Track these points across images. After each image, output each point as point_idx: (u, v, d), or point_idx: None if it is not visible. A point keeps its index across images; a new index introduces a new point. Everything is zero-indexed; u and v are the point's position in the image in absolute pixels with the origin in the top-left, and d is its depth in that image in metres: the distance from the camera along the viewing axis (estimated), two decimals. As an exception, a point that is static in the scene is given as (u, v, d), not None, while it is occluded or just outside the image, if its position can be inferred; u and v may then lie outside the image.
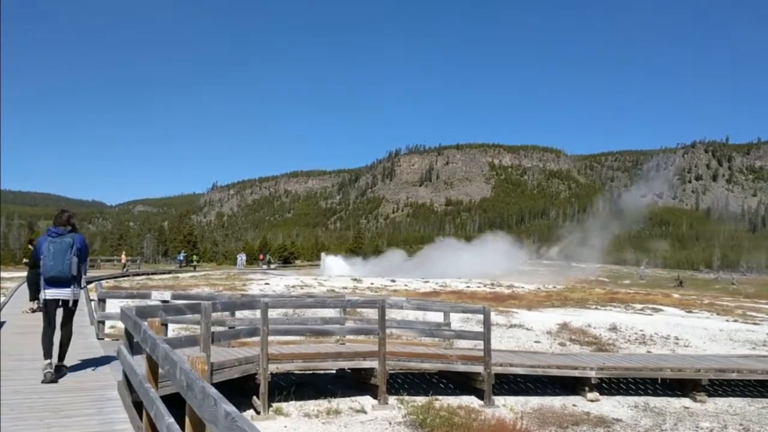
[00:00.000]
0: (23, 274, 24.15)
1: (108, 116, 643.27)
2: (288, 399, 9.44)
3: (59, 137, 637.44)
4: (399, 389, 10.46)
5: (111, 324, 12.71)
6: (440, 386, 10.92)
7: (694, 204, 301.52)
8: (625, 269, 77.52)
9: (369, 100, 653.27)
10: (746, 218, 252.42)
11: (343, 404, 9.58)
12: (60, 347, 7.01)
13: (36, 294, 14.25)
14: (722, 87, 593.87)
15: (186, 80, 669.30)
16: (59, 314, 6.99)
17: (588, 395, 10.44)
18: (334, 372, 10.98)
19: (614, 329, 17.63)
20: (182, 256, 58.97)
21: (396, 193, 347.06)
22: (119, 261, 46.28)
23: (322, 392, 10.06)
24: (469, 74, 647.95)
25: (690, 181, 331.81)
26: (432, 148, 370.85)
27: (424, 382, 11.06)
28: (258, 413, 8.88)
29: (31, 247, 14.89)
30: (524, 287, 34.31)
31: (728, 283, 57.56)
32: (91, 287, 16.49)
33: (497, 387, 10.45)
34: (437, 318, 14.99)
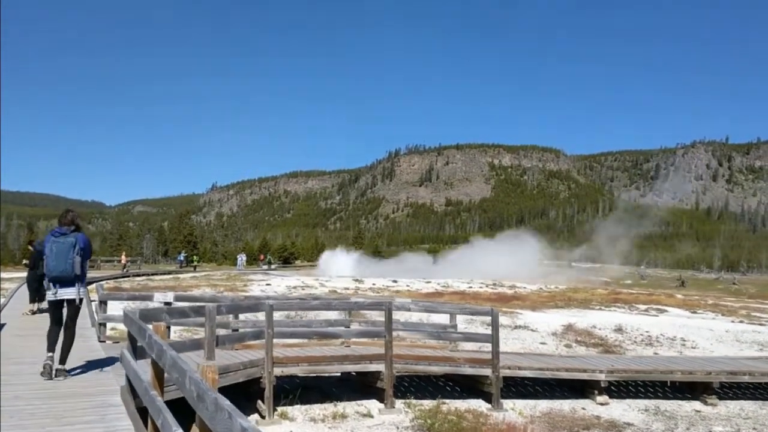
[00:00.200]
0: (23, 275, 23.98)
1: (107, 117, 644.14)
2: (293, 403, 9.27)
3: (58, 137, 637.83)
4: (405, 392, 10.29)
5: (112, 326, 12.54)
6: (447, 389, 10.75)
7: (694, 204, 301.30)
8: (627, 269, 77.31)
9: (369, 100, 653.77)
10: (746, 218, 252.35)
11: (349, 408, 9.42)
12: (61, 350, 6.95)
13: (36, 295, 14.09)
14: (722, 87, 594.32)
15: (185, 80, 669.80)
16: (65, 313, 7.03)
17: (597, 398, 10.27)
18: (339, 375, 10.81)
19: (620, 330, 17.47)
20: (182, 257, 58.80)
21: (396, 194, 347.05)
22: (119, 262, 46.11)
23: (328, 396, 9.89)
24: (469, 74, 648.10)
25: (690, 181, 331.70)
26: (432, 148, 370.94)
27: (430, 385, 10.89)
28: (263, 417, 8.71)
29: (31, 248, 14.72)
30: (526, 287, 34.16)
31: (730, 283, 57.40)
32: (92, 288, 16.29)
33: (504, 390, 10.27)
34: (440, 319, 14.86)
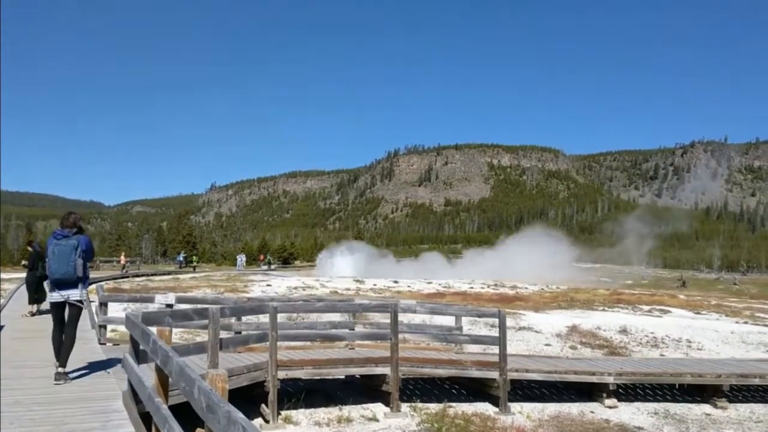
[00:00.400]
0: (22, 275, 23.80)
1: (106, 117, 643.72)
2: (297, 406, 9.11)
3: (57, 138, 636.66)
4: (411, 396, 10.12)
5: (112, 328, 12.37)
6: (453, 392, 10.59)
7: (693, 204, 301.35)
8: (627, 269, 77.17)
9: (368, 100, 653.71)
10: (745, 218, 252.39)
11: (355, 412, 9.25)
12: (62, 352, 6.90)
13: (35, 297, 13.93)
14: (721, 87, 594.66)
15: (184, 81, 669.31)
16: (67, 316, 7.04)
17: (606, 401, 10.11)
18: (343, 378, 10.66)
19: (624, 332, 17.34)
20: (182, 257, 58.59)
21: (395, 194, 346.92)
22: (118, 262, 45.88)
23: (332, 399, 9.73)
24: (468, 74, 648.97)
25: (689, 181, 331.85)
26: (431, 148, 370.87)
27: (436, 388, 10.73)
28: (267, 422, 8.55)
29: (30, 249, 14.57)
30: (527, 288, 34.06)
31: (731, 284, 57.26)
32: (92, 290, 16.13)
33: (511, 393, 10.11)
34: (443, 321, 14.70)
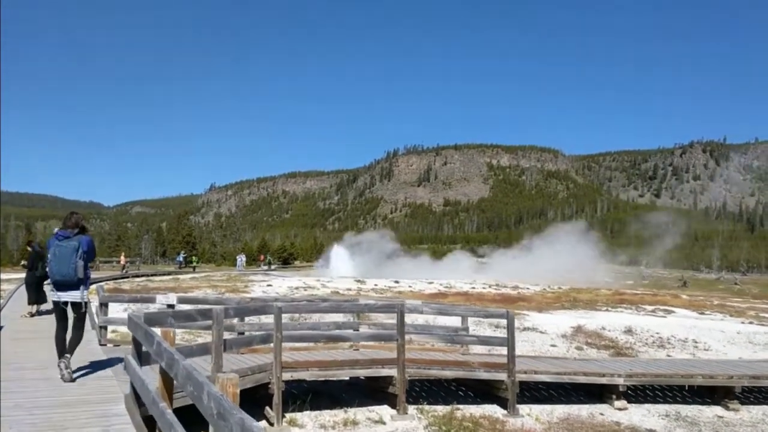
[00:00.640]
0: (21, 276, 23.62)
1: (105, 117, 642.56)
2: (302, 409, 8.93)
3: (57, 138, 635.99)
4: (417, 398, 9.95)
5: (112, 328, 12.19)
6: (459, 394, 10.41)
7: (692, 204, 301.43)
8: (627, 269, 76.97)
9: (367, 101, 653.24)
10: (744, 218, 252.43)
11: (360, 414, 9.07)
12: (69, 343, 7.05)
13: (34, 297, 13.76)
14: (720, 87, 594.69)
15: (183, 82, 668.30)
16: (70, 316, 7.09)
17: (615, 403, 9.93)
18: (348, 379, 10.48)
19: (630, 332, 17.17)
20: (182, 257, 58.33)
21: (394, 194, 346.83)
22: (118, 262, 45.64)
23: (337, 401, 9.55)
24: (467, 74, 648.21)
25: (688, 181, 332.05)
26: (430, 149, 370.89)
27: (443, 390, 10.55)
28: (271, 425, 8.37)
29: (30, 249, 14.39)
30: (529, 288, 33.89)
31: (731, 284, 57.18)
32: (92, 290, 15.92)
33: (519, 395, 9.93)
34: (447, 321, 14.51)
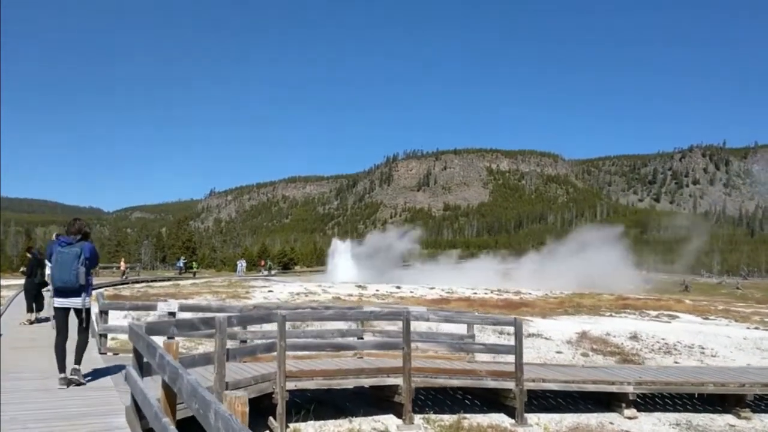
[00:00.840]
0: (20, 282, 23.39)
1: (105, 123, 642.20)
2: (306, 419, 8.74)
3: (56, 143, 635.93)
4: (423, 407, 9.76)
5: (112, 336, 12.02)
6: (466, 403, 10.23)
7: (692, 208, 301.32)
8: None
9: (366, 105, 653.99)
10: (744, 222, 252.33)
11: (366, 424, 8.89)
12: (75, 352, 6.99)
13: (33, 304, 13.58)
14: (719, 91, 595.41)
15: (182, 86, 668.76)
16: (73, 323, 7.05)
17: (625, 412, 9.75)
18: (352, 388, 10.29)
19: (635, 338, 16.99)
20: (182, 263, 58.11)
21: (394, 198, 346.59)
22: (118, 268, 45.43)
23: (342, 411, 9.36)
24: (467, 78, 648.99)
25: (687, 185, 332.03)
26: (430, 153, 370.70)
27: (449, 399, 10.37)
28: (275, 436, 8.20)
29: (29, 255, 14.21)
30: (531, 293, 33.68)
31: (733, 288, 57.00)
32: (92, 296, 15.76)
33: (526, 403, 9.76)
34: (451, 328, 14.33)
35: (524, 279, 50.97)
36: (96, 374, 7.73)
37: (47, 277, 15.78)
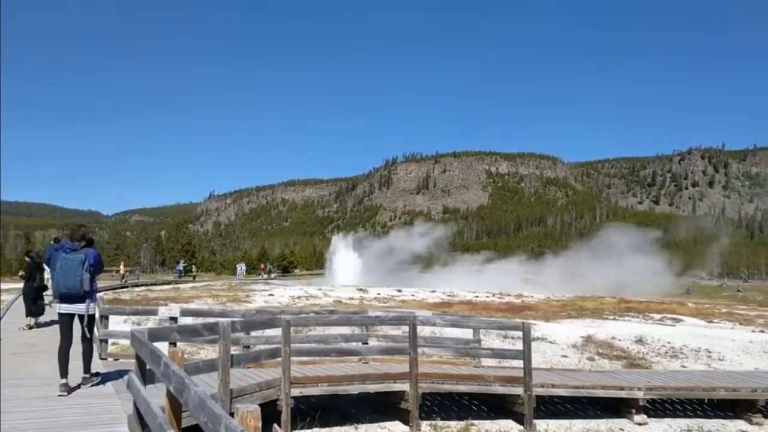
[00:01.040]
0: (19, 286, 23.20)
1: (104, 126, 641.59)
2: (312, 426, 8.58)
3: (55, 147, 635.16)
4: (429, 413, 9.59)
5: (112, 341, 11.84)
6: (473, 409, 10.05)
7: (691, 210, 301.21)
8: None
9: (366, 108, 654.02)
10: (743, 224, 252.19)
11: (372, 431, 8.73)
12: (83, 359, 7.11)
13: (32, 309, 13.38)
14: (718, 93, 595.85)
15: (182, 89, 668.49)
16: (76, 330, 7.08)
17: (635, 418, 9.58)
18: (357, 393, 10.12)
19: (641, 341, 16.82)
20: (181, 266, 57.83)
21: (393, 201, 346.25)
22: (117, 272, 45.16)
23: (347, 417, 9.20)
24: (466, 82, 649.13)
25: (686, 188, 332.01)
26: (429, 156, 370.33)
27: (455, 404, 10.19)
28: (280, 443, 8.02)
29: (28, 259, 14.03)
30: (533, 296, 33.52)
31: (734, 290, 56.80)
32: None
33: (534, 409, 9.60)
34: (456, 333, 14.16)
35: (550, 283, 49.23)
36: (97, 381, 7.56)
37: (47, 281, 15.62)
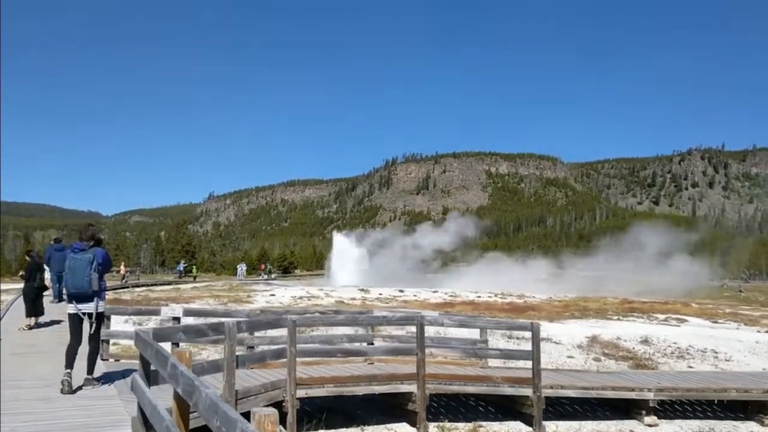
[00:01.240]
0: (19, 286, 23.04)
1: (103, 126, 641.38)
2: (317, 427, 8.43)
3: (55, 147, 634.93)
4: (436, 414, 9.44)
5: (113, 341, 11.69)
6: (480, 410, 9.91)
7: (690, 211, 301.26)
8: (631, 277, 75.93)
9: (365, 109, 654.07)
10: (743, 225, 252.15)
11: (378, 433, 8.59)
12: (88, 360, 7.10)
13: (33, 309, 13.24)
14: (718, 94, 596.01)
15: (181, 90, 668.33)
16: (86, 330, 7.14)
17: (645, 419, 9.44)
18: (361, 394, 9.97)
19: (646, 342, 16.68)
20: (182, 266, 57.67)
21: (393, 202, 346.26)
22: (118, 272, 45.00)
23: (353, 419, 9.05)
24: (466, 82, 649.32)
25: (686, 189, 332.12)
26: (429, 157, 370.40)
27: (462, 406, 10.04)
28: (286, 446, 7.87)
29: (28, 258, 13.89)
30: (535, 296, 33.36)
31: (736, 291, 56.60)
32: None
33: (543, 410, 9.45)
34: (461, 333, 14.01)
35: (581, 286, 47.50)
36: (99, 383, 7.42)
37: (47, 281, 15.45)
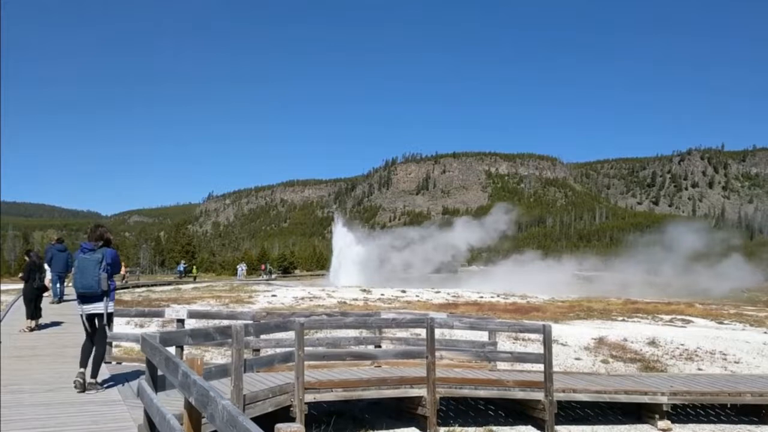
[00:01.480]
0: (19, 287, 22.84)
1: (102, 126, 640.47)
2: (326, 432, 8.25)
3: (54, 147, 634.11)
4: (446, 418, 9.27)
5: (116, 343, 11.50)
6: (490, 414, 9.74)
7: (690, 211, 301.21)
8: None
9: (365, 109, 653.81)
10: (743, 225, 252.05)
11: (388, 438, 8.41)
12: (93, 363, 7.00)
13: (33, 311, 13.05)
14: (717, 94, 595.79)
15: (180, 90, 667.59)
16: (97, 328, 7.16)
17: (659, 424, 9.26)
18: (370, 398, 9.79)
19: (653, 344, 16.48)
20: (182, 267, 57.47)
21: (392, 202, 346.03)
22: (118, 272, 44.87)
23: (361, 423, 8.88)
24: (465, 82, 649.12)
25: (686, 189, 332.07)
26: (428, 157, 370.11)
27: (472, 410, 9.88)
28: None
29: (27, 258, 13.71)
30: (538, 297, 33.21)
31: (739, 291, 56.40)
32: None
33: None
34: (467, 335, 13.84)
35: (618, 285, 46.51)
36: (103, 387, 7.24)
37: (47, 282, 15.25)
